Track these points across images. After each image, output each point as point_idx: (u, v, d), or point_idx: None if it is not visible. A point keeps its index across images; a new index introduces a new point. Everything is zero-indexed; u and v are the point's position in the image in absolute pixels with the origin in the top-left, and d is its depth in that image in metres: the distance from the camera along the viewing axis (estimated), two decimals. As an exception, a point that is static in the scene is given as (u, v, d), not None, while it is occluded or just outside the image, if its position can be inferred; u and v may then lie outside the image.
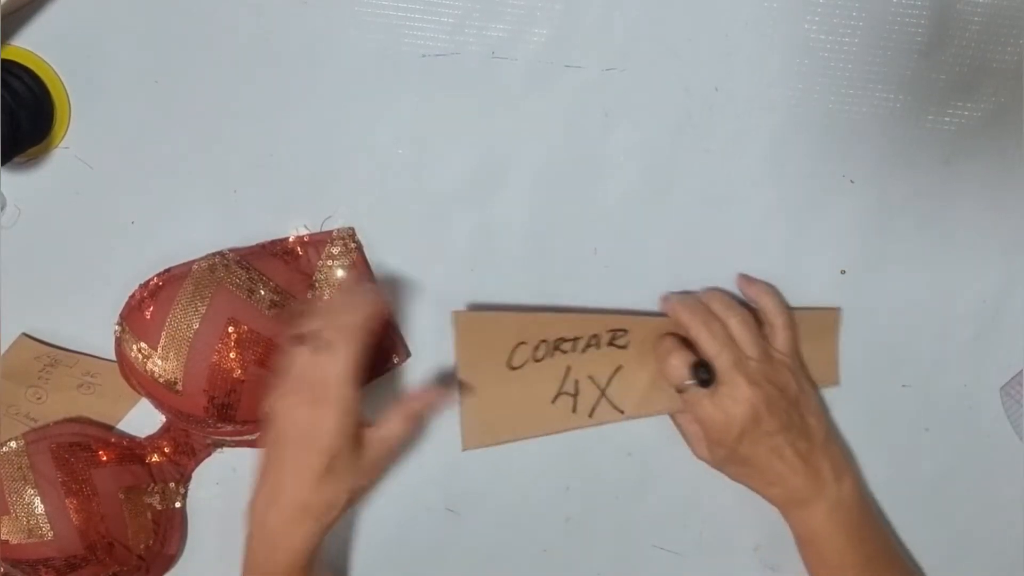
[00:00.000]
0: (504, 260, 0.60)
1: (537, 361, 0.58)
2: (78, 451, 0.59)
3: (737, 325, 0.56)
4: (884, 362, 0.62)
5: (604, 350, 0.58)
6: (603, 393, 0.59)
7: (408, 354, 0.61)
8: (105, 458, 0.60)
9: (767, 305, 0.58)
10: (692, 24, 0.55)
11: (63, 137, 0.58)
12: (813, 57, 0.56)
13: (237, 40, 0.56)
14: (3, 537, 0.57)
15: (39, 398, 0.61)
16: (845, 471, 0.59)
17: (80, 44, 0.56)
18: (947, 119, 0.57)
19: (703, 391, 0.56)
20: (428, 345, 0.61)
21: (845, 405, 0.62)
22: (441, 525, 0.65)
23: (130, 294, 0.57)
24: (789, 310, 0.59)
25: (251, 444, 0.61)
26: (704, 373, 0.55)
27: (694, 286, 0.60)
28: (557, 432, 0.60)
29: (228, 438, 0.61)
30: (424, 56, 0.56)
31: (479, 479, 0.64)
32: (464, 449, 0.59)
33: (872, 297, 0.60)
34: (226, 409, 0.56)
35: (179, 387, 0.55)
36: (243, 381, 0.55)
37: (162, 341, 0.55)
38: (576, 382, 0.59)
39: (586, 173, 0.58)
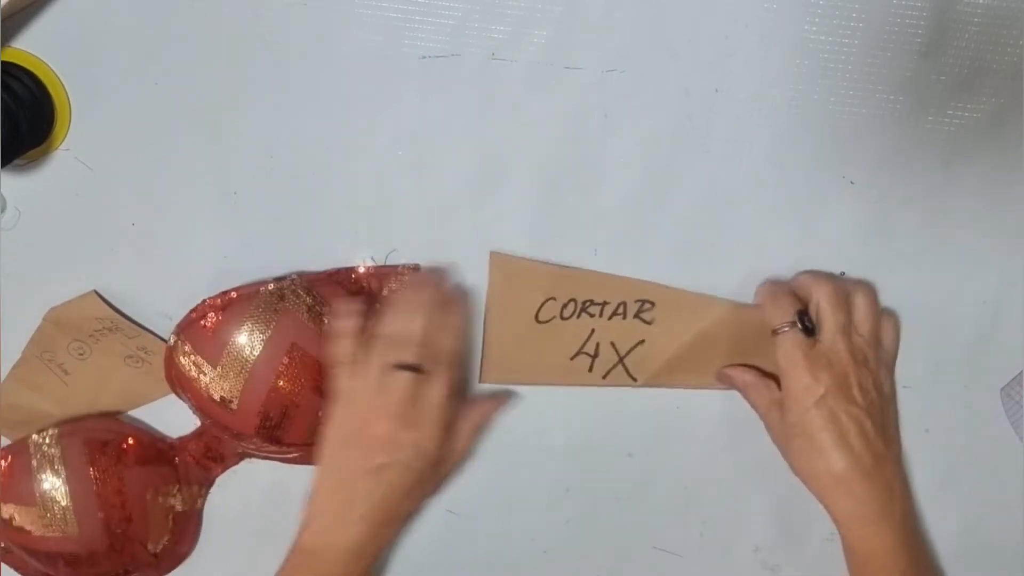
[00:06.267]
0: (504, 261, 0.60)
1: (563, 319, 0.60)
2: (111, 449, 0.59)
3: (862, 298, 0.56)
4: (884, 362, 0.62)
5: (630, 321, 0.59)
6: (621, 360, 0.60)
7: None
8: (136, 458, 0.59)
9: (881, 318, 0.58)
10: (692, 26, 0.55)
11: (63, 139, 0.58)
12: (813, 58, 0.56)
13: (237, 41, 0.56)
14: (27, 528, 0.57)
15: (81, 354, 0.60)
16: (908, 491, 0.58)
17: (80, 46, 0.56)
18: (947, 120, 0.57)
19: (801, 339, 0.55)
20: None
21: (845, 405, 0.62)
22: (441, 526, 0.65)
23: (191, 309, 0.58)
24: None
25: (282, 460, 0.62)
26: (809, 322, 0.55)
27: (694, 287, 0.60)
28: (568, 385, 0.61)
29: (261, 453, 0.61)
30: (424, 57, 0.56)
31: (479, 479, 0.64)
32: (481, 382, 0.61)
33: (872, 298, 0.60)
34: (275, 430, 0.57)
35: (234, 406, 0.56)
36: (297, 406, 0.56)
37: (223, 360, 0.55)
38: (597, 345, 0.60)
39: (586, 174, 0.58)
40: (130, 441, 0.60)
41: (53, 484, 0.57)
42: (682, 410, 0.62)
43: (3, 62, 0.54)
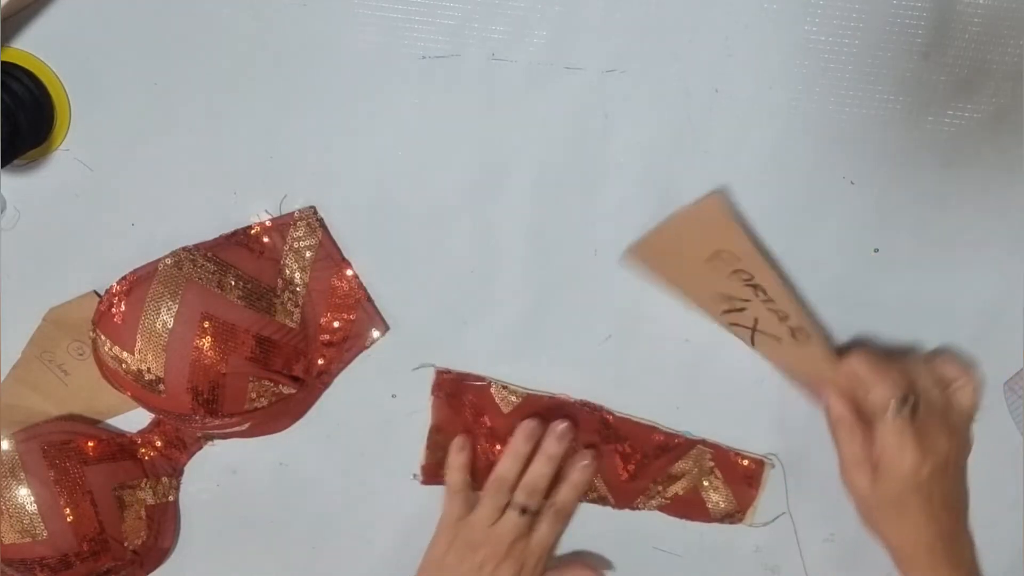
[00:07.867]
0: (504, 261, 0.60)
1: (727, 277, 0.57)
2: (69, 450, 0.59)
3: (952, 370, 0.58)
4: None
5: (783, 326, 0.58)
6: (753, 330, 0.59)
7: (387, 327, 0.61)
8: (97, 455, 0.60)
9: (955, 363, 0.59)
10: (692, 26, 0.55)
11: (63, 139, 0.58)
12: (813, 59, 0.55)
13: (237, 42, 0.56)
14: None
15: (80, 354, 0.61)
16: (973, 545, 0.59)
17: (80, 46, 0.56)
18: (947, 120, 0.57)
19: (910, 419, 0.55)
20: (432, 351, 0.62)
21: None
22: (442, 526, 0.65)
23: (99, 300, 0.57)
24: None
25: (241, 435, 0.61)
26: (917, 402, 0.56)
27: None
28: (696, 298, 0.59)
29: (216, 431, 0.61)
30: (424, 57, 0.56)
31: (479, 480, 0.64)
32: (622, 259, 0.59)
33: (872, 298, 0.60)
34: (211, 404, 0.56)
35: (162, 387, 0.55)
36: (225, 375, 0.56)
37: (138, 344, 0.55)
38: (744, 310, 0.58)
39: (586, 174, 0.58)
40: (89, 440, 0.60)
41: (18, 492, 0.57)
42: (682, 411, 0.62)
43: (3, 62, 0.54)
